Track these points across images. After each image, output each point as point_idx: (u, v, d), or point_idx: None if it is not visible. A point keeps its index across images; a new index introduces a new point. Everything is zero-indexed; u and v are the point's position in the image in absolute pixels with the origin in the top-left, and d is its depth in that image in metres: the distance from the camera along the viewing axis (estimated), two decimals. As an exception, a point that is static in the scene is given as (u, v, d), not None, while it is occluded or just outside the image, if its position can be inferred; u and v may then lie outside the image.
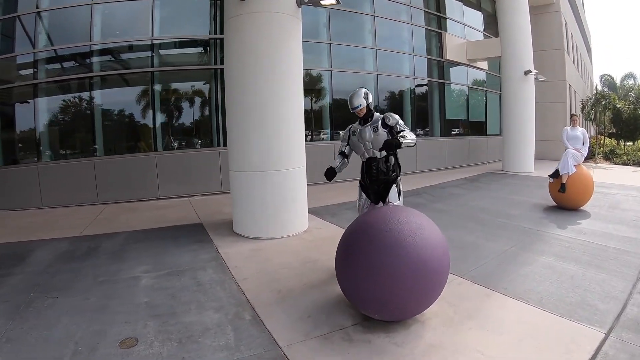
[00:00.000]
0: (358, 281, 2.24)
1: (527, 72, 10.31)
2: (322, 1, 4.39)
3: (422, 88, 11.56)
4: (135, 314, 2.74)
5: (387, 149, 2.88)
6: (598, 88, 19.95)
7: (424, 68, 11.43)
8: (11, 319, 2.69)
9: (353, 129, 3.26)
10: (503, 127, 11.25)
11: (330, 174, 3.28)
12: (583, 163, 5.97)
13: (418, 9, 11.15)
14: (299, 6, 4.43)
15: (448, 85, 12.14)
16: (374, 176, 3.14)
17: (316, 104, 9.49)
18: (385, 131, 3.04)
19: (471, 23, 12.90)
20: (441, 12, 11.82)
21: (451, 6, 12.19)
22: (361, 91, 3.10)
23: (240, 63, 4.43)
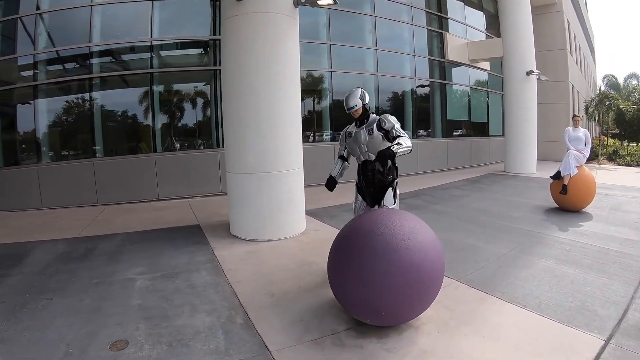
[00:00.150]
0: (349, 286, 2.19)
1: (529, 73, 10.24)
2: (319, 1, 4.35)
3: (423, 89, 11.48)
4: (127, 316, 2.73)
5: (381, 161, 2.81)
6: (601, 89, 19.78)
7: (425, 69, 11.36)
8: (6, 320, 2.71)
9: (349, 131, 3.18)
10: (505, 128, 11.17)
11: (330, 184, 3.23)
12: (586, 164, 5.89)
13: (419, 9, 11.09)
14: (296, 6, 4.40)
15: (450, 85, 12.07)
16: (370, 179, 3.07)
17: (316, 105, 9.46)
18: (380, 134, 2.97)
19: (473, 23, 12.82)
20: (442, 12, 11.75)
21: (452, 6, 12.12)
22: (357, 91, 3.02)
23: (236, 64, 4.40)
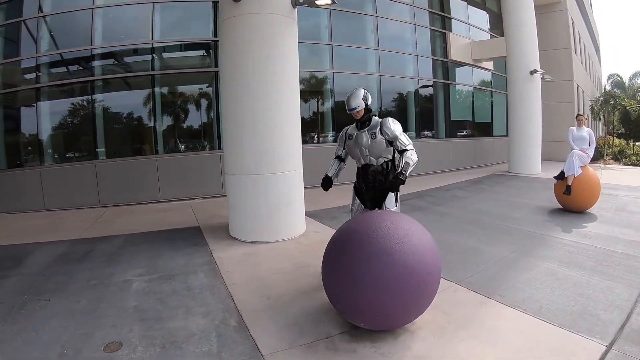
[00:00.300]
0: (342, 289, 2.15)
1: (533, 72, 10.12)
2: (317, 1, 4.32)
3: (427, 89, 11.41)
4: (122, 318, 2.72)
5: (393, 190, 2.78)
6: (606, 88, 19.59)
7: (428, 69, 11.29)
8: (3, 320, 2.73)
9: (349, 132, 3.06)
10: (509, 128, 11.06)
11: (326, 184, 3.16)
12: (591, 164, 5.80)
13: (421, 9, 11.03)
14: (294, 7, 4.37)
15: (453, 86, 11.98)
16: (371, 183, 2.99)
17: (318, 106, 9.43)
18: (383, 139, 2.87)
19: (476, 23, 12.73)
20: (445, 12, 11.68)
21: (455, 6, 12.04)
22: (360, 92, 2.90)
23: (233, 65, 4.39)
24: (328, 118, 9.44)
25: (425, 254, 2.15)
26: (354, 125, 3.04)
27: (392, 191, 2.82)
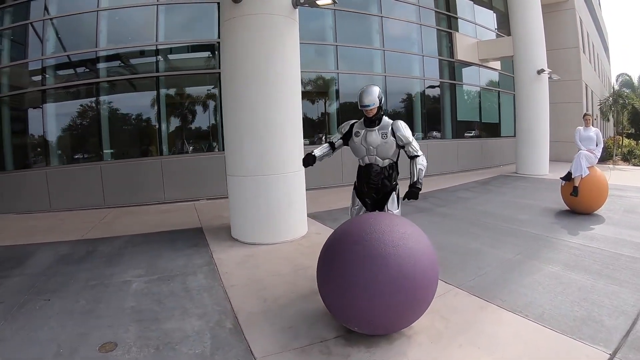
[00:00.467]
0: (336, 293, 2.11)
1: (541, 72, 9.96)
2: (318, 1, 4.30)
3: (433, 89, 11.31)
4: (119, 319, 2.73)
5: (411, 198, 2.74)
6: (615, 88, 19.25)
7: (434, 69, 11.19)
8: (3, 319, 2.77)
9: (356, 129, 2.91)
10: (516, 129, 10.90)
11: (308, 160, 2.95)
12: (600, 164, 5.67)
13: (427, 9, 10.94)
14: (295, 7, 4.35)
15: (460, 86, 11.87)
16: (375, 184, 2.91)
17: (323, 107, 9.40)
18: (394, 141, 2.81)
19: (483, 22, 12.60)
20: (451, 12, 11.58)
21: (462, 5, 11.94)
22: (375, 89, 2.79)
23: (234, 66, 4.38)
24: (333, 119, 9.39)
25: (421, 258, 2.09)
26: (361, 121, 2.92)
27: (410, 198, 2.80)
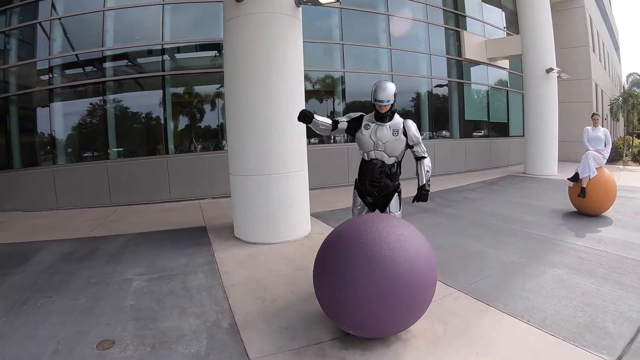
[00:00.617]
0: (331, 296, 2.09)
1: (549, 70, 9.78)
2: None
3: (440, 88, 11.19)
4: (118, 317, 2.75)
5: (420, 200, 2.83)
6: (625, 87, 18.85)
7: (442, 68, 11.06)
8: (5, 316, 2.81)
9: (366, 122, 2.88)
10: (525, 128, 10.74)
11: (304, 115, 2.82)
12: (608, 165, 5.54)
13: (434, 7, 10.82)
14: (298, 6, 4.32)
15: (467, 85, 11.72)
16: (377, 181, 2.88)
17: (329, 106, 9.36)
18: (404, 140, 2.82)
19: (491, 21, 12.43)
20: (459, 10, 11.44)
21: (470, 4, 11.78)
22: (391, 86, 2.77)
23: (235, 65, 4.37)
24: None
25: (418, 260, 2.06)
26: (372, 115, 2.89)
27: (419, 200, 2.87)
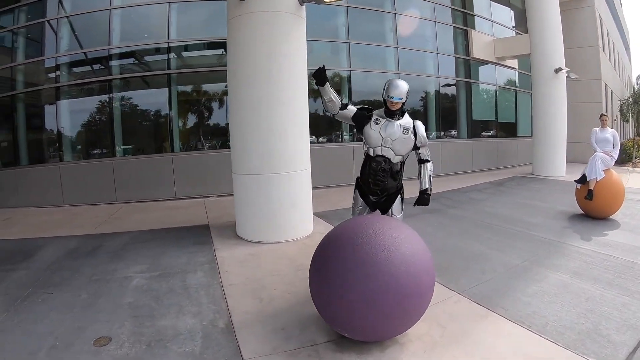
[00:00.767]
0: (326, 298, 2.06)
1: (558, 70, 9.62)
2: (324, -2, 4.24)
3: (448, 88, 11.08)
4: (116, 314, 2.77)
5: (421, 204, 2.90)
6: (635, 87, 18.48)
7: (450, 67, 10.94)
8: (6, 311, 2.84)
9: (376, 117, 2.85)
10: (533, 129, 10.59)
11: (320, 72, 2.83)
12: (617, 167, 5.42)
13: (442, 6, 10.71)
14: (301, 4, 4.30)
15: (475, 84, 11.59)
16: (381, 179, 2.83)
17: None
18: (413, 139, 2.82)
19: (500, 20, 12.27)
20: (467, 9, 11.30)
21: (478, 2, 11.63)
22: (405, 84, 2.76)
23: (238, 64, 4.36)
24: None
25: (415, 263, 2.02)
26: (382, 111, 2.87)
27: (420, 205, 2.93)
